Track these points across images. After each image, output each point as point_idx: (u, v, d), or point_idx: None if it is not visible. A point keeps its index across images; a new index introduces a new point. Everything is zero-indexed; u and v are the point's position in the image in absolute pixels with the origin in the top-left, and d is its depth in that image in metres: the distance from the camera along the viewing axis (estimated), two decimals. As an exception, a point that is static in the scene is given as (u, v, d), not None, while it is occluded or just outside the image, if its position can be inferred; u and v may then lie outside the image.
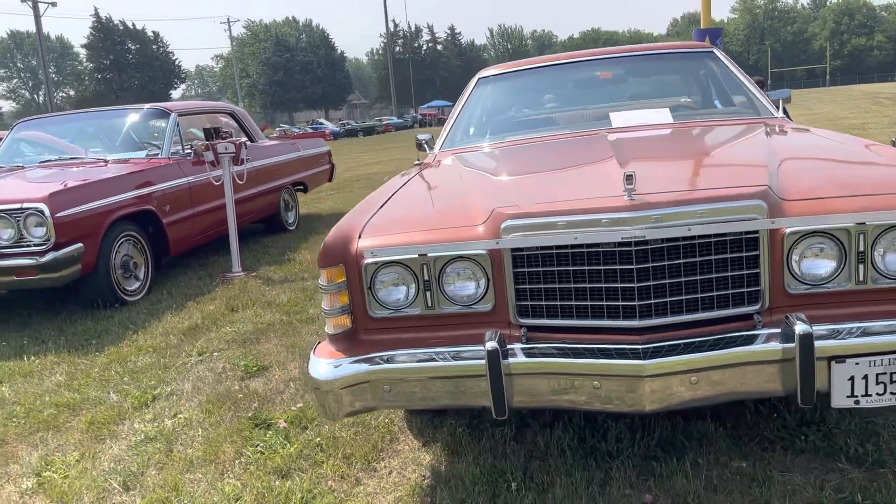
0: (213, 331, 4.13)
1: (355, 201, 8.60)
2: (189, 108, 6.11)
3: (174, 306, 4.70)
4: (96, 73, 53.04)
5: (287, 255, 6.13)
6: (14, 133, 5.94)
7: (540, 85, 3.90)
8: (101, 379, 3.54)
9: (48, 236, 4.15)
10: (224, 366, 3.54)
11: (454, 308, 2.11)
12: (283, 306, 4.48)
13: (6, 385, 3.60)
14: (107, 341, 4.10)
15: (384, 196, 2.58)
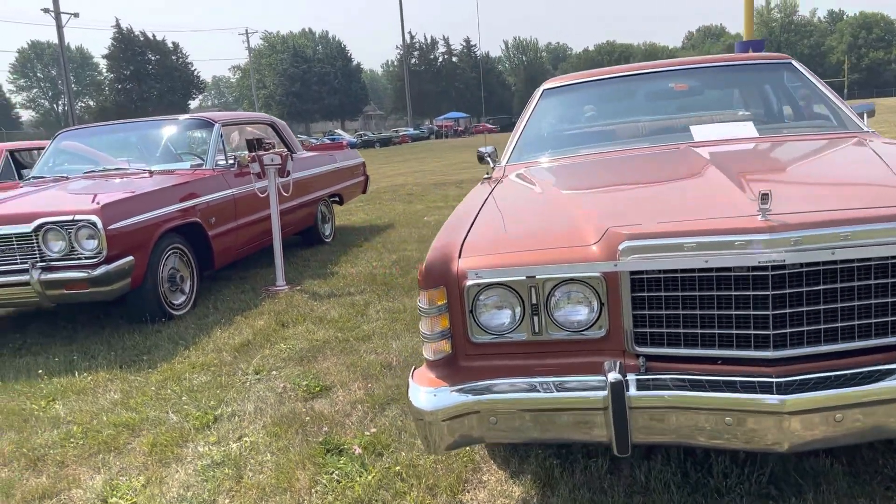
0: (267, 348, 4.02)
1: (387, 213, 8.55)
2: (232, 118, 6.03)
3: (222, 321, 4.60)
4: (116, 84, 53.55)
5: (329, 269, 6.03)
6: (56, 143, 5.89)
7: (609, 96, 3.78)
8: (157, 397, 3.43)
9: (100, 249, 4.06)
10: (285, 385, 3.42)
11: (562, 334, 1.98)
12: (334, 322, 4.36)
13: (60, 402, 3.49)
14: (158, 357, 4.00)
15: (470, 212, 2.46)
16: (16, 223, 4.07)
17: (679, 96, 3.59)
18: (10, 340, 4.58)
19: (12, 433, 3.20)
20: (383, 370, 3.50)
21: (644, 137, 3.31)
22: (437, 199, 10.72)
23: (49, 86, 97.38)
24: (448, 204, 10.01)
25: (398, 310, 4.52)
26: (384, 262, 6.09)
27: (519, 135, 3.61)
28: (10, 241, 4.08)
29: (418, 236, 7.32)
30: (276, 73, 72.10)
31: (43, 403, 3.49)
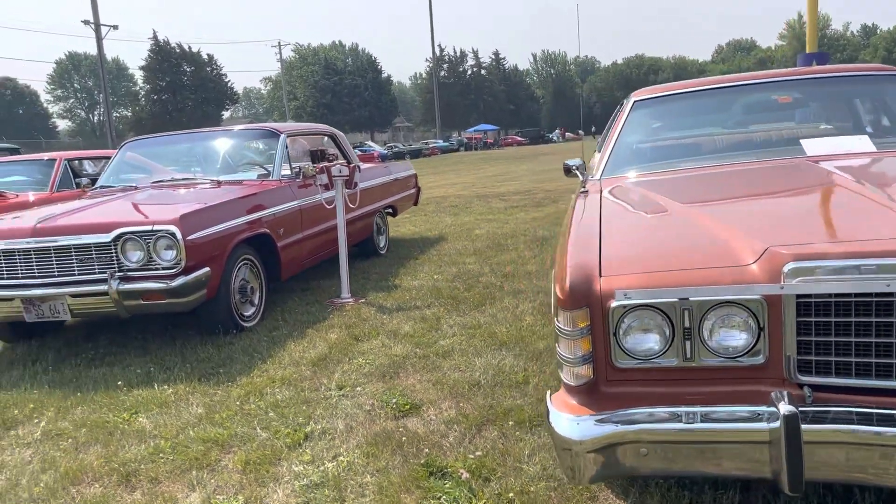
0: (345, 362, 3.94)
1: (435, 225, 8.45)
2: (296, 129, 6.01)
3: (294, 334, 4.54)
4: (152, 95, 54.50)
5: (390, 281, 5.95)
6: (122, 153, 5.91)
7: (705, 108, 3.66)
8: (242, 413, 3.36)
9: (178, 260, 4.03)
10: (373, 403, 3.33)
11: (716, 361, 1.86)
12: (410, 337, 4.27)
13: (143, 415, 3.44)
14: (235, 371, 3.94)
15: (592, 229, 2.35)
16: (95, 233, 4.06)
17: (782, 108, 3.46)
18: (82, 350, 4.57)
19: (99, 447, 3.15)
20: (472, 389, 3.40)
21: (750, 151, 3.19)
22: (485, 212, 10.62)
23: (85, 96, 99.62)
24: (496, 217, 9.92)
25: (473, 325, 4.42)
26: (445, 276, 6.01)
27: (612, 148, 3.51)
28: (89, 250, 4.07)
29: (473, 249, 7.22)
30: (308, 84, 72.83)
31: (126, 416, 3.45)
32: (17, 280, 4.14)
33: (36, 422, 3.49)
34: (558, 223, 8.63)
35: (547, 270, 5.91)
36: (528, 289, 5.27)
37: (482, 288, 5.40)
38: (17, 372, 4.26)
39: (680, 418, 1.82)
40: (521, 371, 3.54)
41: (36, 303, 4.12)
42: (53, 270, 4.10)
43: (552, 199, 11.67)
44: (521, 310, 4.68)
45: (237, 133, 5.88)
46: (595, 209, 2.67)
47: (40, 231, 4.10)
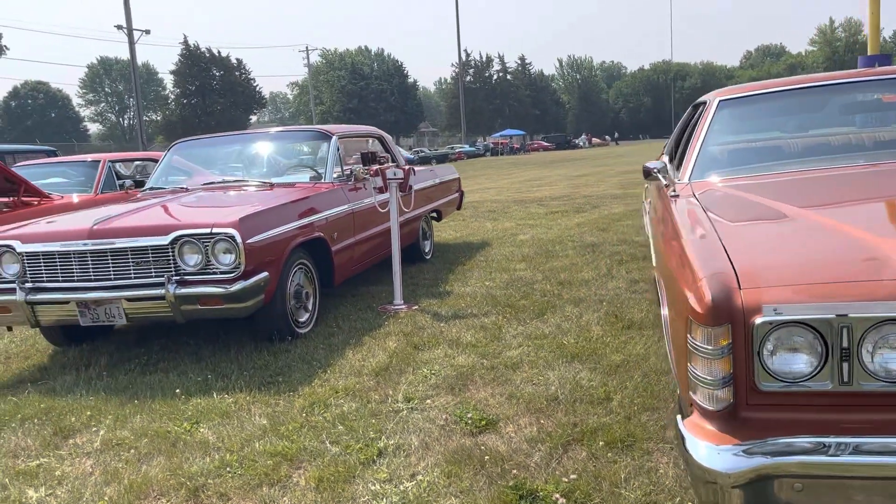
0: (408, 373, 3.77)
1: (476, 230, 8.23)
2: (346, 131, 5.88)
3: (351, 341, 4.39)
4: (182, 99, 55.10)
5: (441, 288, 5.79)
6: (171, 154, 5.82)
7: (798, 108, 3.45)
8: (308, 425, 3.21)
9: (237, 264, 3.90)
10: (445, 417, 3.16)
11: (876, 385, 1.66)
12: (473, 347, 4.10)
13: (205, 426, 3.30)
14: (294, 380, 3.80)
15: (709, 236, 2.16)
16: (152, 235, 3.94)
17: (887, 109, 3.23)
18: (134, 356, 4.46)
19: (162, 458, 3.02)
20: (550, 404, 3.21)
21: (859, 153, 2.97)
22: (525, 217, 10.43)
23: (116, 100, 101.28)
24: (538, 222, 9.73)
25: (537, 335, 4.23)
26: (497, 283, 5.83)
27: (698, 149, 3.31)
28: (146, 253, 3.96)
29: (521, 255, 7.03)
30: (334, 89, 73.19)
31: (187, 426, 3.31)
32: (72, 283, 4.04)
33: (94, 430, 3.38)
34: (605, 229, 8.41)
35: (601, 278, 5.71)
36: (588, 297, 5.07)
37: (539, 296, 5.21)
38: (71, 377, 4.16)
39: (847, 450, 1.62)
40: (600, 386, 3.34)
41: (91, 306, 4.02)
42: (110, 273, 3.99)
43: (593, 205, 11.44)
44: (585, 320, 4.48)
45: (287, 134, 5.76)
46: (699, 214, 2.48)
47: (97, 233, 4.00)
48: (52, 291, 4.07)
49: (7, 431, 3.45)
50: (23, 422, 3.54)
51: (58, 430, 3.41)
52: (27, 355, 4.69)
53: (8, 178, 6.68)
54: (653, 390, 3.24)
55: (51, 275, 4.07)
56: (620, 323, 4.34)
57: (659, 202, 3.39)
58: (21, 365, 4.49)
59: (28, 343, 4.97)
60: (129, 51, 42.63)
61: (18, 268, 4.12)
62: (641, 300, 4.87)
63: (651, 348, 3.81)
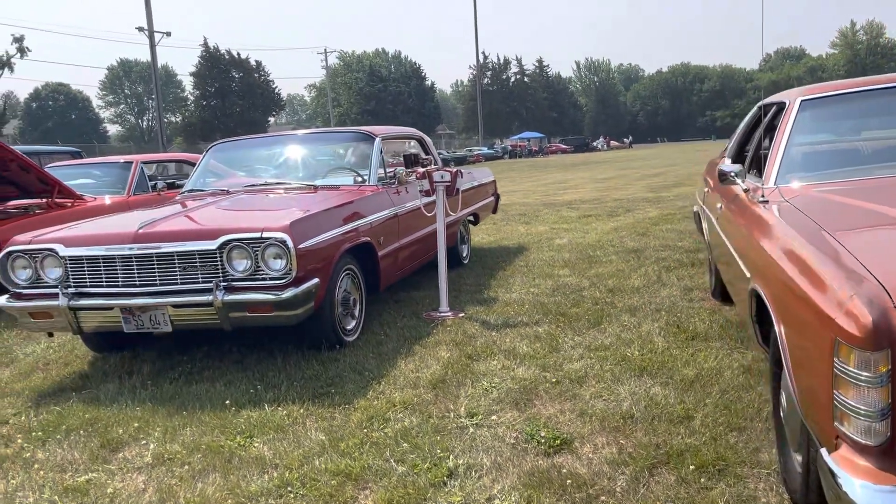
0: (467, 385, 3.60)
1: (510, 235, 8.00)
2: (389, 132, 5.72)
3: (401, 350, 4.22)
4: (202, 100, 55.34)
5: (484, 294, 5.61)
6: (209, 156, 5.70)
7: (885, 108, 3.24)
8: (368, 441, 3.04)
9: (288, 270, 3.74)
10: (516, 436, 2.98)
11: None
12: (531, 359, 3.92)
13: (259, 440, 3.15)
14: (348, 391, 3.63)
15: (834, 247, 1.96)
16: (199, 239, 3.80)
17: None
18: (177, 363, 4.32)
19: (217, 475, 2.87)
20: (626, 422, 3.02)
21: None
22: (557, 220, 10.23)
23: (135, 102, 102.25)
24: (572, 226, 9.52)
25: (598, 346, 4.04)
26: (542, 289, 5.64)
27: (782, 152, 3.11)
28: (193, 258, 3.81)
29: (562, 261, 6.84)
30: (352, 91, 73.28)
31: (240, 440, 3.16)
32: (116, 288, 3.91)
33: (143, 443, 3.23)
34: (645, 234, 8.20)
35: (652, 285, 5.50)
36: (643, 306, 4.87)
37: (591, 304, 5.02)
38: (114, 386, 4.03)
39: None
40: (677, 403, 3.15)
41: (136, 312, 3.88)
42: (155, 279, 3.85)
43: (626, 209, 11.21)
44: (645, 330, 4.29)
45: (329, 136, 5.63)
46: (806, 222, 2.29)
47: (142, 237, 3.86)
48: (96, 297, 3.94)
49: (52, 443, 3.32)
50: (68, 433, 3.40)
51: (105, 442, 3.27)
52: (66, 362, 4.57)
53: (42, 179, 6.59)
54: (734, 408, 3.04)
55: (94, 280, 3.94)
56: (684, 334, 4.14)
57: (739, 208, 3.19)
58: (61, 372, 4.36)
59: (66, 349, 4.85)
60: (150, 53, 42.86)
61: (61, 272, 4.00)
62: (700, 309, 4.67)
63: (723, 362, 3.61)
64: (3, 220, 6.19)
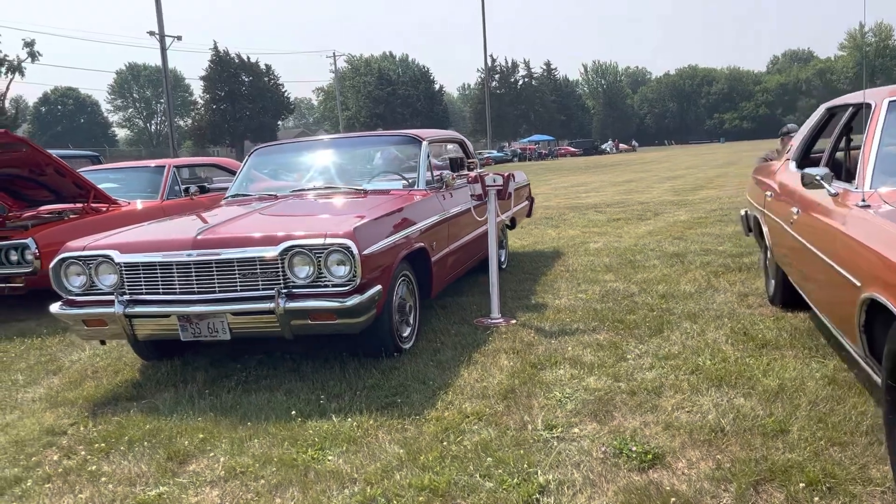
0: (538, 396, 3.50)
1: (542, 239, 7.86)
2: (434, 136, 5.63)
3: (460, 358, 4.12)
4: (212, 104, 55.43)
5: (531, 300, 5.51)
6: (251, 161, 5.62)
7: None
8: (448, 455, 2.94)
9: (351, 276, 3.65)
10: (604, 450, 2.87)
11: None
12: (599, 368, 3.81)
13: (332, 453, 3.05)
14: (415, 401, 3.53)
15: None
16: (260, 245, 3.71)
17: None
18: (231, 371, 4.23)
19: (296, 490, 2.77)
20: (717, 436, 2.91)
21: None
22: (587, 224, 10.12)
23: (143, 106, 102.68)
24: (603, 230, 9.42)
25: (666, 355, 3.93)
26: (591, 295, 5.54)
27: (875, 155, 3.01)
28: (253, 264, 3.72)
29: (603, 265, 6.73)
30: (361, 95, 73.32)
31: (312, 453, 3.06)
32: (173, 295, 3.82)
33: (211, 455, 3.14)
34: (681, 238, 8.08)
35: (704, 291, 5.39)
36: (702, 312, 4.76)
37: (646, 310, 4.91)
38: (170, 394, 3.94)
39: None
40: (766, 416, 3.04)
41: (194, 320, 3.79)
42: (214, 286, 3.77)
43: (653, 212, 11.10)
44: (711, 338, 4.18)
45: (375, 140, 5.54)
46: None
47: (201, 243, 3.78)
48: (152, 304, 3.85)
49: (116, 455, 3.23)
50: (131, 445, 3.32)
51: (171, 454, 3.18)
52: (116, 370, 4.48)
53: (78, 183, 6.52)
54: (830, 421, 2.93)
55: (150, 287, 3.86)
56: (752, 342, 4.03)
57: (830, 213, 3.09)
58: (112, 381, 4.28)
59: (113, 356, 4.77)
60: (161, 57, 42.93)
61: (115, 279, 3.91)
62: (763, 316, 4.55)
63: (803, 372, 3.50)
64: (40, 226, 6.13)
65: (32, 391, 4.23)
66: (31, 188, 6.69)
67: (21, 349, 5.16)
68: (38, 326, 5.75)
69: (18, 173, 6.35)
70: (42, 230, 5.93)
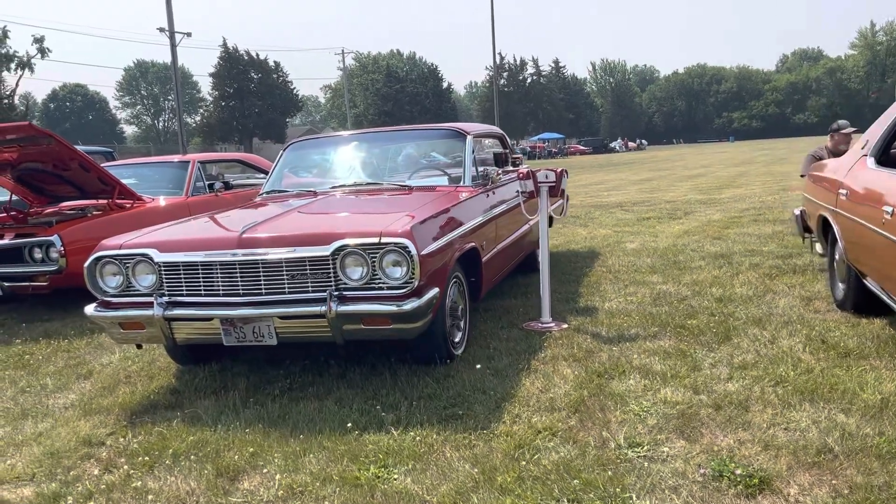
0: (612, 409, 3.24)
1: (573, 238, 7.58)
2: (477, 130, 5.36)
3: (518, 366, 3.87)
4: (221, 101, 55.22)
5: (579, 303, 5.25)
6: (287, 156, 5.37)
7: None
8: (527, 475, 2.68)
9: (409, 278, 3.40)
10: (703, 472, 2.62)
11: None
12: (673, 378, 3.55)
13: (399, 471, 2.80)
14: (478, 413, 3.28)
15: None
16: (311, 245, 3.46)
17: None
18: (273, 378, 3.99)
19: (365, 514, 2.53)
20: (824, 457, 2.65)
21: None
22: (616, 223, 9.84)
23: (151, 102, 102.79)
24: (635, 229, 9.15)
25: (741, 364, 3.67)
26: (641, 298, 5.27)
27: None
28: (303, 265, 3.48)
29: (647, 266, 6.47)
30: (369, 92, 73.10)
31: (375, 470, 2.82)
32: (216, 297, 3.58)
33: (265, 472, 2.90)
34: (720, 238, 7.81)
35: (763, 294, 5.12)
36: (766, 318, 4.48)
37: (706, 315, 4.65)
38: (210, 402, 3.70)
39: None
40: (875, 435, 2.77)
41: (238, 324, 3.55)
42: (260, 288, 3.52)
43: (683, 211, 10.81)
44: (787, 345, 3.91)
45: (416, 133, 5.29)
46: None
47: (247, 242, 3.53)
48: (193, 307, 3.61)
49: (161, 469, 2.99)
50: (175, 458, 3.08)
51: (220, 469, 2.94)
52: (150, 375, 4.25)
53: (102, 179, 6.29)
54: (949, 441, 2.67)
55: (192, 288, 3.62)
56: (833, 350, 3.77)
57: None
58: (148, 387, 4.04)
59: (145, 360, 4.53)
60: (171, 53, 42.73)
61: (154, 279, 3.67)
62: (836, 322, 4.28)
63: (901, 385, 3.24)
64: (65, 223, 5.90)
65: (63, 397, 4.00)
66: (52, 183, 6.48)
67: (48, 351, 4.93)
68: (63, 327, 5.52)
69: (41, 168, 6.13)
70: (67, 227, 5.70)
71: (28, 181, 6.45)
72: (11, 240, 5.68)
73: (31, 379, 4.35)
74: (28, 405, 3.90)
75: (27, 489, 2.94)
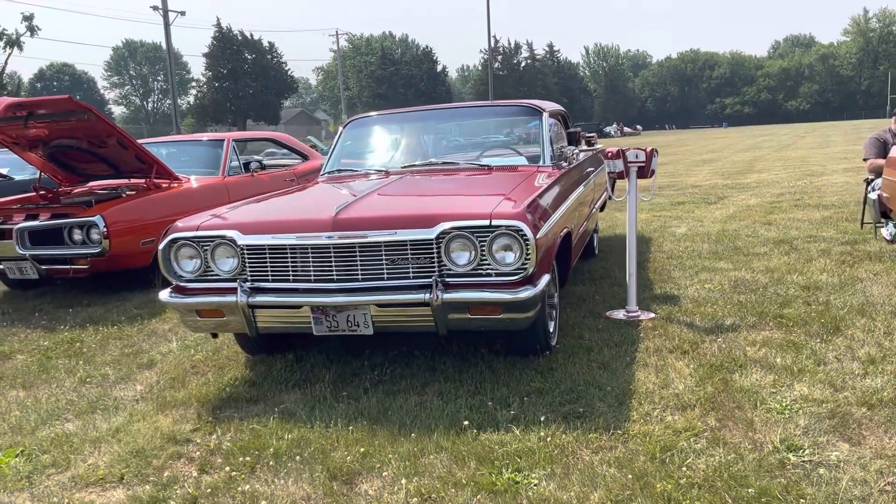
0: (749, 407, 2.98)
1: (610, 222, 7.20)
2: (550, 107, 5.06)
3: (623, 359, 3.61)
4: (214, 82, 54.26)
5: (654, 290, 5.00)
6: (346, 133, 5.05)
7: None
8: (692, 483, 2.43)
9: (522, 264, 3.12)
10: (891, 480, 2.37)
11: None
12: (800, 373, 3.30)
13: (537, 476, 2.54)
14: (602, 411, 3.02)
15: None
16: (413, 227, 3.17)
17: None
18: (358, 370, 3.70)
19: (514, 526, 2.27)
20: None
21: None
22: (651, 208, 9.55)
23: (140, 83, 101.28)
24: (675, 213, 8.91)
25: (869, 358, 3.42)
26: (718, 286, 5.03)
27: None
28: (404, 249, 3.19)
29: (709, 252, 6.22)
30: (363, 74, 72.24)
31: (510, 475, 2.56)
32: (307, 283, 3.29)
33: (383, 475, 2.64)
34: (770, 224, 7.58)
35: (848, 282, 4.88)
36: (870, 307, 4.24)
37: (801, 304, 4.41)
38: (297, 395, 3.43)
39: None
40: None
41: (331, 313, 3.26)
42: (357, 273, 3.23)
43: (716, 196, 10.57)
44: (908, 338, 3.68)
45: (489, 110, 5.00)
46: None
47: (342, 223, 3.23)
48: (280, 293, 3.32)
49: (265, 471, 2.72)
50: (278, 458, 2.81)
51: (332, 472, 2.68)
52: (219, 365, 3.96)
53: (140, 157, 5.95)
54: None
55: (279, 273, 3.32)
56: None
57: None
58: (220, 378, 3.75)
59: (209, 349, 4.24)
60: (165, 32, 41.90)
61: (235, 263, 3.38)
62: (946, 313, 4.06)
63: None
64: (105, 203, 5.55)
65: (130, 389, 3.71)
66: (85, 161, 6.12)
67: (97, 338, 4.62)
68: (107, 313, 5.21)
69: (75, 145, 5.78)
70: (109, 207, 5.37)
71: (58, 158, 6.09)
72: (48, 220, 5.34)
73: (88, 368, 4.06)
74: (93, 397, 3.61)
75: (118, 491, 2.67)
